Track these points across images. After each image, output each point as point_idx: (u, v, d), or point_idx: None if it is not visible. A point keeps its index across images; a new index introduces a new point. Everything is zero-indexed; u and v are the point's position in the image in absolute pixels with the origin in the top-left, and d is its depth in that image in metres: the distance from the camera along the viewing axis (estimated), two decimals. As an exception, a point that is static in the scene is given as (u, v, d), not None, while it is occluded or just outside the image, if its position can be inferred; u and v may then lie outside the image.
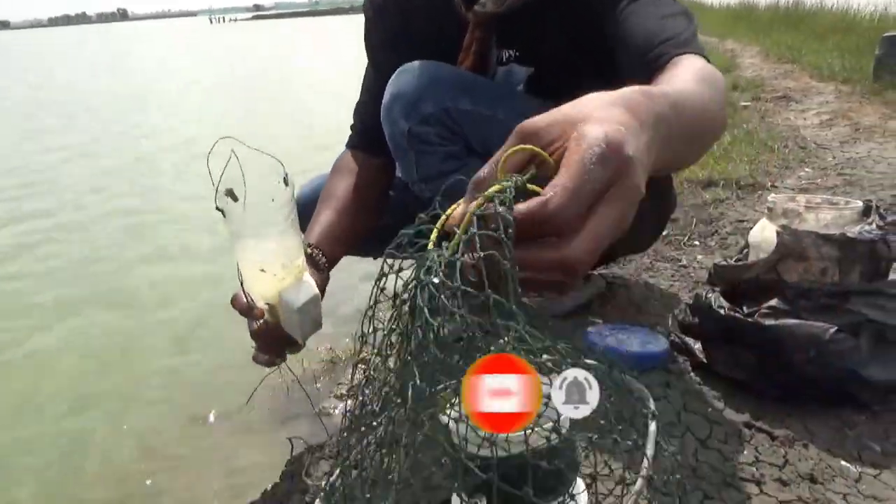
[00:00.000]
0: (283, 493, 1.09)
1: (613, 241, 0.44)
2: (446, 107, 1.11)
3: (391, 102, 1.13)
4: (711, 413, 0.95)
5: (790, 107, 3.96)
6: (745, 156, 2.73)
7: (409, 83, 1.12)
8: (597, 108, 0.48)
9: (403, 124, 1.11)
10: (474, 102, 1.14)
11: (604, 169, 0.42)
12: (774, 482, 0.80)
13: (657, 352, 1.06)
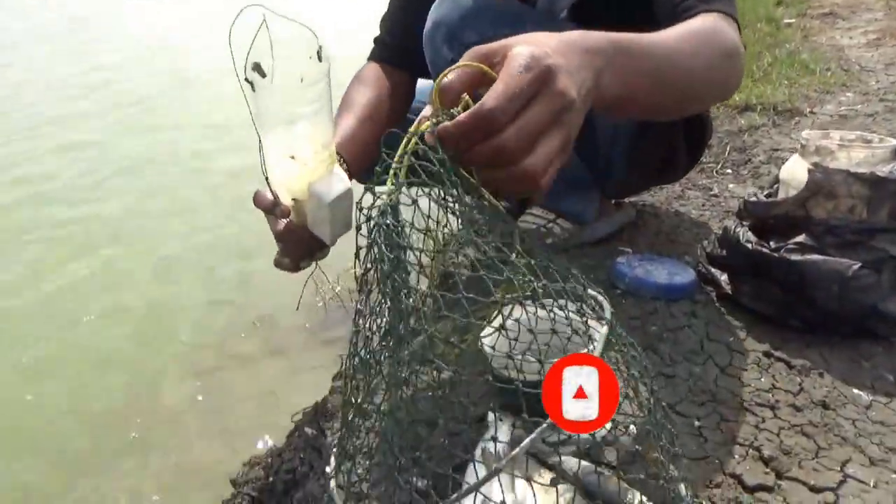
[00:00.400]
0: (323, 415, 1.17)
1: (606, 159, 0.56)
2: (488, 36, 1.12)
3: (433, 30, 1.15)
4: (733, 342, 1.00)
5: (836, 24, 3.80)
6: (784, 78, 2.66)
7: (453, 11, 1.13)
8: (532, 36, 0.60)
9: (447, 52, 1.14)
10: (516, 32, 1.15)
11: (527, 73, 0.53)
12: (788, 407, 0.86)
13: (684, 283, 1.10)
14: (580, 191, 1.43)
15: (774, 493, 0.72)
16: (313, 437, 0.98)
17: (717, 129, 2.19)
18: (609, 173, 1.39)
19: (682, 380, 0.92)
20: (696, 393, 0.89)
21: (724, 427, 0.82)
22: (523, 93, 0.53)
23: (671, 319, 1.05)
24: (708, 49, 0.83)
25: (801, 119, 2.19)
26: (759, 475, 0.74)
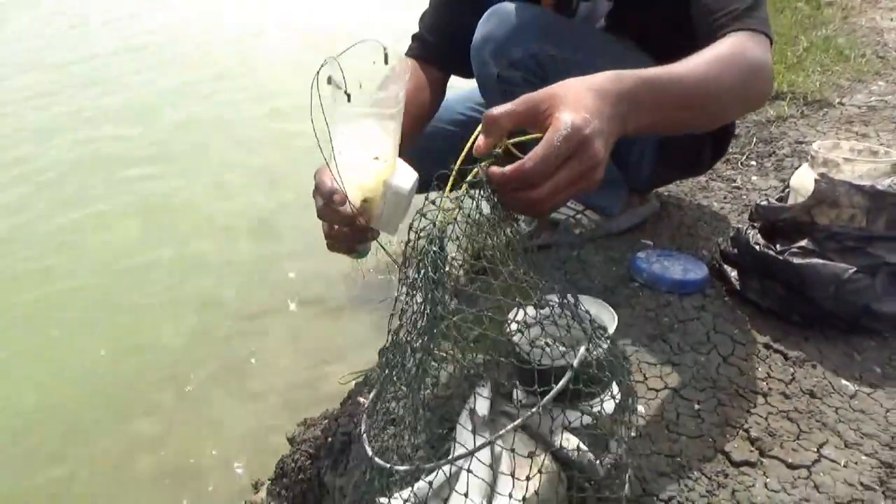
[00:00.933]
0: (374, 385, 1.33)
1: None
2: (533, 52, 1.23)
3: (481, 44, 1.25)
4: (737, 334, 1.12)
5: (878, 4, 3.76)
6: (818, 65, 2.70)
7: (499, 27, 1.24)
8: (574, 93, 0.72)
9: (493, 68, 1.24)
10: (558, 47, 1.25)
11: (566, 145, 0.67)
12: (779, 395, 0.98)
13: (696, 279, 1.22)
14: (609, 187, 1.54)
15: (756, 468, 0.86)
16: (363, 405, 1.14)
17: (746, 119, 2.27)
18: (639, 170, 1.50)
19: (688, 367, 1.05)
20: (698, 380, 1.02)
21: (719, 410, 0.95)
22: (560, 157, 0.67)
23: (682, 312, 1.18)
24: (732, 72, 0.93)
25: (830, 110, 2.25)
26: (745, 453, 0.88)
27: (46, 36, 6.62)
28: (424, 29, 1.44)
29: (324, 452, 1.16)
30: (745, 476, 0.84)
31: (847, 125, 2.11)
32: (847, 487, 0.82)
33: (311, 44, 5.31)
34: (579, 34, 1.29)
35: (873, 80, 2.53)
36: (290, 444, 1.35)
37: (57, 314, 2.55)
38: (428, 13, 1.45)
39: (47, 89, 4.96)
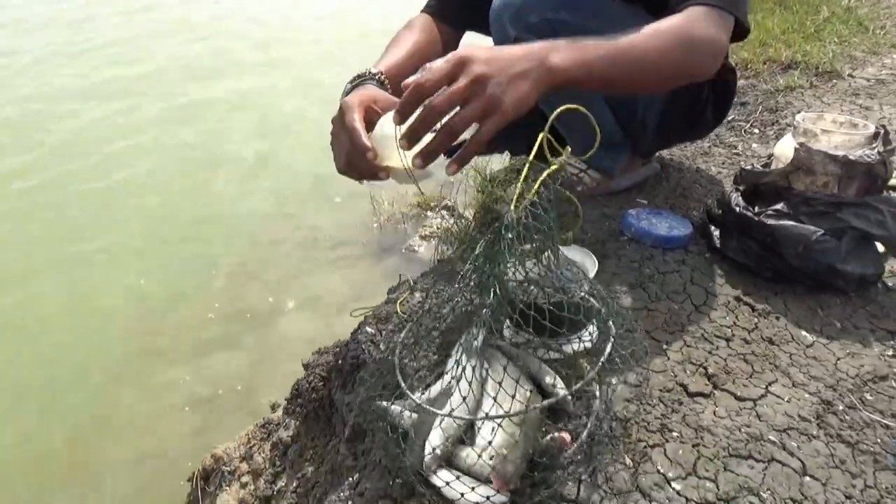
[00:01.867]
0: (383, 317, 1.46)
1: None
2: (548, 18, 1.31)
3: (501, 10, 1.34)
4: (711, 287, 1.24)
5: (909, -26, 3.72)
6: (836, 36, 2.73)
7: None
8: (490, 49, 0.89)
9: (510, 31, 1.33)
10: (573, 15, 1.33)
11: (446, 63, 0.85)
12: (740, 340, 1.10)
13: (680, 236, 1.33)
14: (610, 147, 1.63)
15: (708, 399, 0.98)
16: (372, 335, 1.28)
17: (755, 87, 2.33)
18: (643, 132, 1.59)
19: (662, 313, 1.17)
20: (669, 325, 1.14)
21: (684, 351, 1.08)
22: (442, 72, 0.84)
23: (663, 265, 1.29)
24: (670, 45, 1.06)
25: (839, 82, 2.30)
26: (701, 386, 1.00)
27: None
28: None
29: (334, 374, 1.30)
30: (696, 405, 0.97)
31: (853, 97, 2.16)
32: (786, 418, 0.95)
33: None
34: (594, 3, 1.37)
35: (888, 52, 2.56)
36: (305, 370, 1.49)
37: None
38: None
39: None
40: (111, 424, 1.97)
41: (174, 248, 2.74)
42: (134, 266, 2.65)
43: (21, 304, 2.44)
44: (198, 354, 2.18)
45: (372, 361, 1.18)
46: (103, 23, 6.02)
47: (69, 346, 2.24)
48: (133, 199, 3.12)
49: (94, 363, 2.16)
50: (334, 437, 1.31)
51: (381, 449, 0.97)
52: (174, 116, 3.90)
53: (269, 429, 1.56)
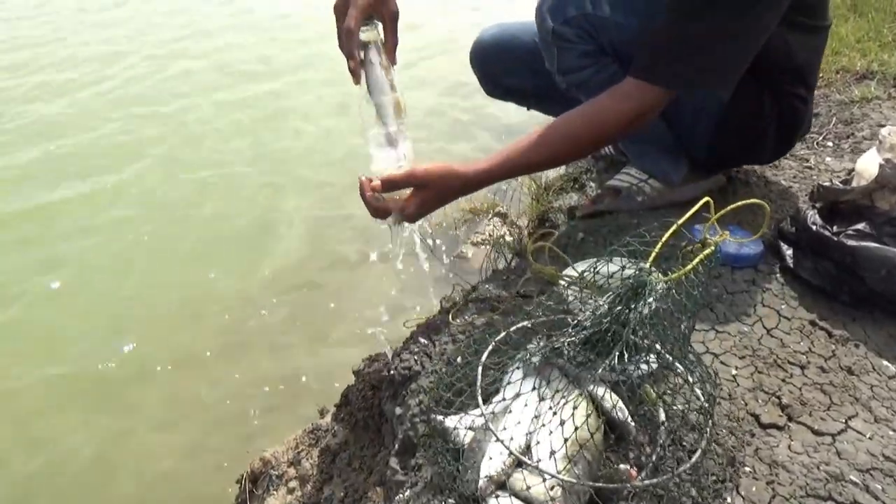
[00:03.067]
0: (434, 328, 1.42)
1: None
2: (586, 12, 1.30)
3: (542, 2, 1.34)
4: (784, 309, 1.17)
5: None
6: (916, 44, 2.59)
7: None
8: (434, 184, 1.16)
9: (550, 22, 1.32)
10: (612, 10, 1.31)
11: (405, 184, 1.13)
12: (816, 368, 1.03)
13: (749, 254, 1.26)
14: (669, 154, 1.57)
15: (783, 431, 0.92)
16: (424, 346, 1.25)
17: (828, 97, 2.22)
18: (693, 136, 1.52)
19: (731, 336, 1.11)
20: (739, 348, 1.08)
21: (755, 377, 1.01)
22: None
23: (732, 284, 1.22)
24: (579, 139, 1.24)
25: (920, 93, 2.17)
26: (774, 417, 0.94)
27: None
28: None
29: (385, 384, 1.28)
30: (770, 437, 0.91)
31: (936, 110, 2.04)
32: (868, 456, 0.88)
33: None
34: (637, 1, 1.33)
35: (974, 62, 2.41)
36: (355, 377, 1.48)
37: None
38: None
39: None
40: (161, 422, 1.99)
41: (230, 249, 2.77)
42: (191, 267, 2.69)
43: (76, 304, 2.51)
44: (247, 356, 2.19)
45: (425, 374, 1.16)
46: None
47: (128, 341, 2.29)
48: (193, 203, 3.18)
49: (145, 361, 2.20)
50: (383, 449, 1.28)
51: (434, 465, 0.94)
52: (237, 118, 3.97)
53: (317, 435, 1.56)
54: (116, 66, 4.79)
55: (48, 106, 4.19)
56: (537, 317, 1.02)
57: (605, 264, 0.92)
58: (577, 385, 0.92)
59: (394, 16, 1.17)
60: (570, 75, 1.39)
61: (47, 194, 3.19)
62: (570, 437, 0.81)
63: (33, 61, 4.98)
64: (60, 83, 4.52)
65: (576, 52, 1.34)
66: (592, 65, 1.36)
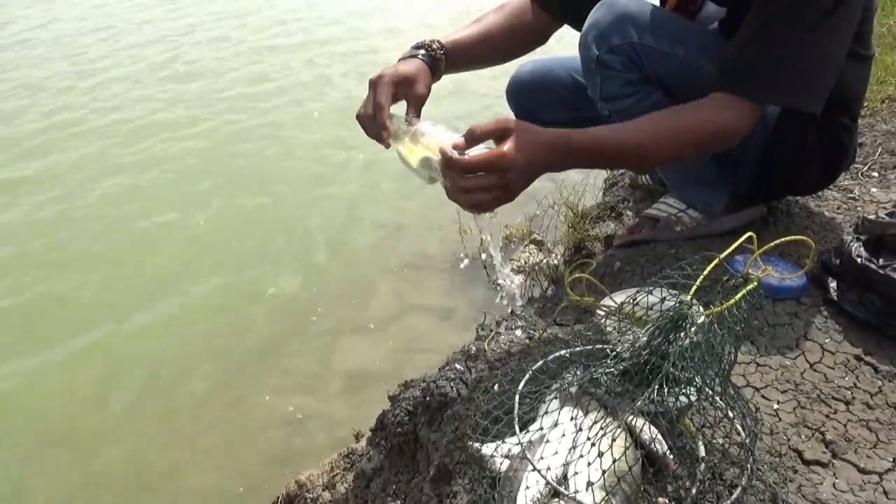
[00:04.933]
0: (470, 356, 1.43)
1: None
2: (632, 41, 1.31)
3: (588, 31, 1.35)
4: (828, 343, 1.15)
5: None
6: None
7: (606, 16, 1.32)
8: (526, 139, 1.01)
9: (594, 51, 1.33)
10: (657, 40, 1.32)
11: (490, 163, 0.98)
12: (861, 404, 1.01)
13: (791, 286, 1.24)
14: (709, 184, 1.57)
15: (827, 468, 0.90)
16: (461, 372, 1.26)
17: (874, 127, 2.18)
18: (736, 175, 1.52)
19: (772, 369, 1.09)
20: (781, 382, 1.06)
21: (798, 412, 1.00)
22: (483, 166, 0.98)
23: (774, 317, 1.21)
24: (673, 138, 1.16)
25: (971, 122, 2.12)
26: (818, 453, 0.92)
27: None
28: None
29: (420, 410, 1.29)
30: (814, 474, 0.89)
31: None
32: (917, 497, 0.85)
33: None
34: (682, 29, 1.34)
35: None
36: (391, 402, 1.49)
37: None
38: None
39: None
40: (196, 443, 2.02)
41: (266, 268, 2.82)
42: (224, 284, 2.75)
43: (107, 324, 2.57)
44: (283, 377, 2.22)
45: (461, 401, 1.16)
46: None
47: (156, 361, 2.34)
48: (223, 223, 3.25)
49: (180, 382, 2.24)
50: (418, 475, 1.29)
51: (470, 493, 0.95)
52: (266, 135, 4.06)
53: (352, 459, 1.57)
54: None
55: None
56: (574, 346, 1.02)
57: (644, 295, 0.92)
58: (614, 416, 0.91)
59: (420, 100, 1.23)
60: (614, 102, 1.39)
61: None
62: (607, 469, 0.81)
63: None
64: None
65: (620, 80, 1.35)
66: (636, 93, 1.36)
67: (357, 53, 5.43)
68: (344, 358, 2.27)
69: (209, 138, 4.03)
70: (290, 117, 4.29)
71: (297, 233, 3.08)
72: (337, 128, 4.05)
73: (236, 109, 4.45)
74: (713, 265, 0.85)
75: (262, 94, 4.70)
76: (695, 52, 1.32)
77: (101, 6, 7.55)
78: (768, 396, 1.03)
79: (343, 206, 3.28)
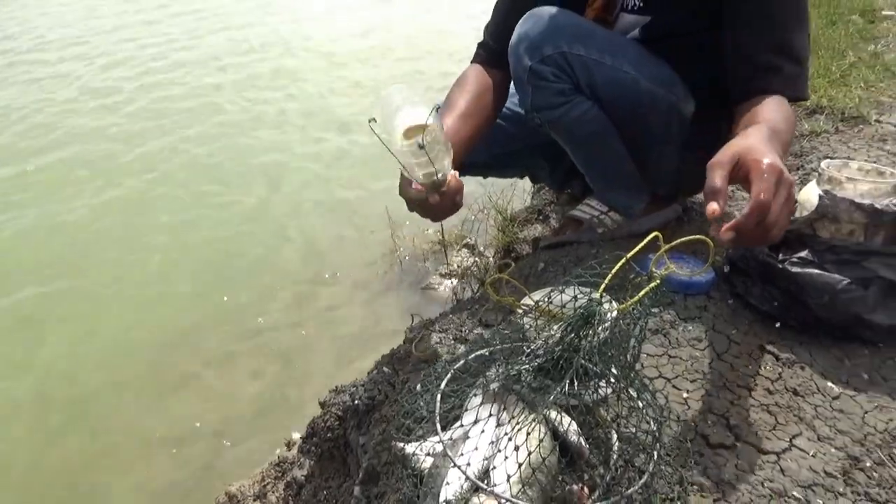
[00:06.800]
0: (397, 359, 1.45)
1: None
2: (563, 50, 1.35)
3: (518, 42, 1.38)
4: (734, 334, 1.21)
5: (937, 20, 3.71)
6: (862, 81, 2.71)
7: (535, 27, 1.36)
8: (761, 143, 0.96)
9: (526, 61, 1.37)
10: (587, 49, 1.37)
11: (773, 177, 0.88)
12: (763, 391, 1.07)
13: (701, 282, 1.31)
14: (631, 187, 1.64)
15: (731, 451, 0.95)
16: (389, 375, 1.27)
17: (780, 131, 2.31)
18: (658, 171, 1.59)
19: (683, 360, 1.15)
20: (690, 372, 1.12)
21: (705, 400, 1.05)
22: (774, 186, 0.88)
23: (685, 311, 1.27)
24: (792, 126, 1.21)
25: (865, 127, 2.28)
26: (723, 437, 0.98)
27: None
28: (488, 36, 1.58)
29: (350, 414, 1.29)
30: (718, 456, 0.95)
31: (880, 143, 2.14)
32: (810, 473, 0.92)
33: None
34: (608, 39, 1.40)
35: (916, 98, 2.54)
36: (321, 408, 1.49)
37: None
38: (491, 23, 1.58)
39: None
40: (122, 456, 1.97)
41: (195, 280, 2.77)
42: (154, 294, 2.68)
43: (36, 324, 2.48)
44: (212, 387, 2.18)
45: (388, 403, 1.18)
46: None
47: (82, 372, 2.26)
48: (156, 234, 3.17)
49: (107, 393, 2.18)
50: (348, 479, 1.30)
51: (396, 492, 0.96)
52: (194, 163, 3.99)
53: (283, 467, 1.56)
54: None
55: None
56: (495, 345, 1.05)
57: (559, 294, 0.95)
58: (533, 410, 0.95)
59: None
60: (544, 112, 1.43)
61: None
62: (523, 462, 0.84)
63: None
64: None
65: (551, 90, 1.38)
66: (567, 102, 1.40)
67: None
68: (275, 366, 2.24)
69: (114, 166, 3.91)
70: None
71: (228, 243, 3.03)
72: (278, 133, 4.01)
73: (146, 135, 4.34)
74: (620, 264, 0.89)
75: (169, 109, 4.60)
76: (621, 60, 1.38)
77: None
78: (679, 386, 1.09)
79: (273, 215, 3.24)
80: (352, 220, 3.13)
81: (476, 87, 1.48)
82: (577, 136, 1.46)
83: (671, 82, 1.42)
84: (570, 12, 1.39)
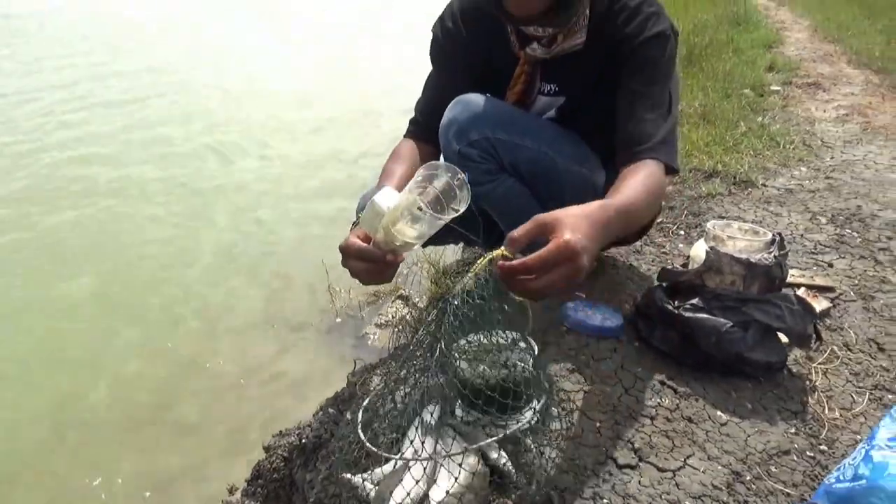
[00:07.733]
0: (341, 400, 1.56)
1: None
2: (487, 136, 1.51)
3: (448, 126, 1.52)
4: (640, 372, 1.39)
5: (816, 96, 4.20)
6: (751, 149, 3.06)
7: (462, 113, 1.51)
8: (573, 219, 0.99)
9: (455, 145, 1.51)
10: (508, 133, 1.54)
11: (559, 255, 0.94)
12: (663, 419, 1.25)
13: (612, 327, 1.49)
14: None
15: (635, 470, 1.11)
16: (334, 416, 1.38)
17: (681, 193, 2.59)
18: None
19: (596, 395, 1.31)
20: (602, 405, 1.28)
21: (615, 428, 1.22)
22: (552, 262, 0.94)
23: (598, 352, 1.44)
24: (653, 198, 1.31)
25: (753, 190, 2.58)
26: (629, 458, 1.14)
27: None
28: (419, 113, 1.70)
29: (296, 454, 1.39)
30: (624, 475, 1.10)
31: (765, 204, 2.44)
32: (700, 486, 1.09)
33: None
34: (528, 123, 1.58)
35: (797, 165, 2.89)
36: (266, 452, 1.57)
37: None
38: (421, 100, 1.71)
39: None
40: None
41: (135, 329, 2.78)
42: (100, 343, 2.68)
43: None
44: (152, 438, 2.20)
45: (334, 439, 1.28)
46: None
47: (15, 427, 2.23)
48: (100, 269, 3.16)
49: (39, 450, 2.16)
50: (294, 516, 1.38)
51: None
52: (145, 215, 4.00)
53: (227, 512, 1.61)
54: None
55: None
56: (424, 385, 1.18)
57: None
58: (467, 440, 1.08)
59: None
60: (474, 188, 1.57)
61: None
62: (451, 489, 0.97)
63: None
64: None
65: (479, 170, 1.51)
66: (493, 180, 1.55)
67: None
68: (217, 417, 2.28)
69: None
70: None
71: (171, 295, 3.06)
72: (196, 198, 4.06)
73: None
74: (479, 265, 1.01)
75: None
76: (539, 142, 1.56)
77: None
78: (592, 417, 1.24)
79: (216, 271, 3.29)
80: (287, 275, 3.21)
81: (410, 160, 1.58)
82: (503, 207, 1.61)
83: (584, 158, 1.61)
84: (494, 99, 1.55)
